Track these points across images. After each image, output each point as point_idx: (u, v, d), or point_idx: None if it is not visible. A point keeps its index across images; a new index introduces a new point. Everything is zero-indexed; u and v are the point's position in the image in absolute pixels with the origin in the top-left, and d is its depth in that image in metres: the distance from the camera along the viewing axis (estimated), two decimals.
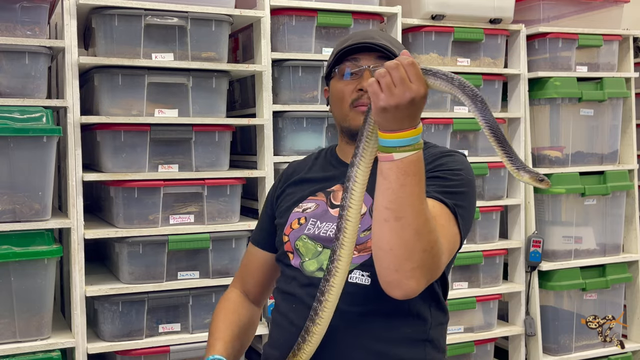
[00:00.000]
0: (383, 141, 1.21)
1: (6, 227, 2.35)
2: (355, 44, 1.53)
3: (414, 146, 1.20)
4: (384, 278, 1.28)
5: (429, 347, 1.51)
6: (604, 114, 3.42)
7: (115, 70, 2.54)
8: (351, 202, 1.26)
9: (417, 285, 1.26)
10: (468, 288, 3.19)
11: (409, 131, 1.20)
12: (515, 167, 1.21)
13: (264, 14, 2.75)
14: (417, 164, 1.21)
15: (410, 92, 1.17)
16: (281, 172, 1.76)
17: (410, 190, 1.21)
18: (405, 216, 1.21)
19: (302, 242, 1.55)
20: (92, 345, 2.51)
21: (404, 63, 1.18)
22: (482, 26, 3.15)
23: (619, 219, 3.47)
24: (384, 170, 1.22)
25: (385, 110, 1.18)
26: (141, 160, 2.59)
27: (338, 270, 1.29)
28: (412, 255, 1.23)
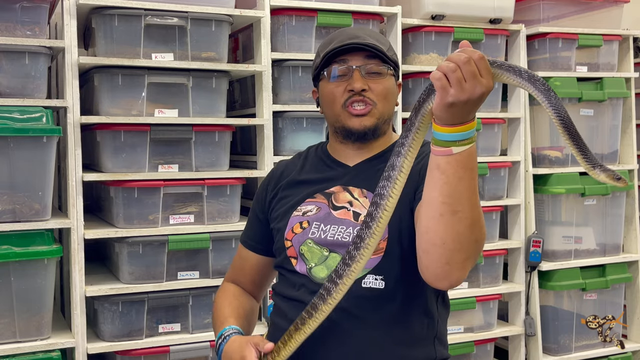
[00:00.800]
0: (441, 135, 1.19)
1: (6, 227, 2.36)
2: (342, 46, 1.50)
3: (472, 139, 1.19)
4: (432, 271, 1.28)
5: (437, 343, 1.52)
6: (604, 114, 3.42)
7: (115, 70, 2.54)
8: (393, 192, 1.23)
9: (464, 275, 1.26)
10: (468, 288, 3.19)
11: (468, 124, 1.18)
12: (591, 165, 1.16)
13: (264, 14, 2.75)
14: (474, 157, 1.20)
15: (481, 86, 1.14)
16: (269, 174, 1.71)
17: (467, 183, 1.20)
18: (462, 210, 1.21)
19: (307, 246, 1.52)
20: (92, 345, 2.51)
21: (475, 57, 1.15)
22: (482, 26, 3.15)
23: (619, 219, 3.47)
24: (442, 164, 1.20)
25: (453, 106, 1.14)
26: (141, 160, 2.59)
27: (362, 258, 1.27)
28: (464, 248, 1.23)
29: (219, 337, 1.53)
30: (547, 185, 3.27)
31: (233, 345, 1.47)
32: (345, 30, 1.57)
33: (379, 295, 1.44)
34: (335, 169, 1.59)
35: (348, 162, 1.58)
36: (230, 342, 1.49)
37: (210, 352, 2.67)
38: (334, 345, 1.44)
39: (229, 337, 1.50)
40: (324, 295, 1.32)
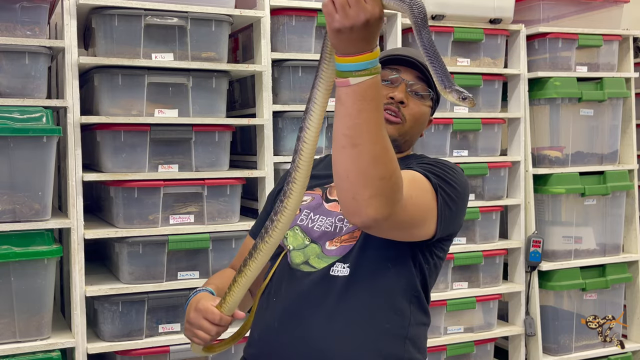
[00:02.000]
0: (339, 65, 1.20)
1: (6, 227, 2.36)
2: (401, 55, 1.58)
3: (371, 70, 1.19)
4: (343, 205, 1.28)
5: (409, 344, 1.50)
6: (604, 114, 3.42)
7: (115, 70, 2.54)
8: (309, 123, 1.26)
9: (374, 213, 1.24)
10: (468, 288, 3.19)
11: (364, 54, 1.18)
12: (443, 85, 1.21)
13: (264, 14, 2.75)
14: (374, 89, 1.20)
15: (365, 13, 1.14)
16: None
17: (367, 115, 1.20)
18: (363, 143, 1.21)
19: (293, 231, 1.56)
20: (92, 345, 2.51)
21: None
22: (482, 26, 3.15)
23: (619, 219, 3.47)
24: (342, 96, 1.21)
25: (340, 32, 1.16)
26: (141, 160, 2.59)
27: (293, 192, 1.29)
28: (368, 182, 1.22)
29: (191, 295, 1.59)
30: (547, 185, 3.27)
31: (197, 297, 1.55)
32: (407, 49, 1.67)
33: (344, 282, 1.46)
34: None
35: None
36: (198, 295, 1.56)
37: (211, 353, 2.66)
38: (297, 331, 1.46)
39: (198, 292, 1.58)
40: (262, 234, 1.37)
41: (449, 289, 3.14)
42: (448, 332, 3.15)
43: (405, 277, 1.50)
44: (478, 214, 3.15)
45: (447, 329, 3.15)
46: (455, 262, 3.12)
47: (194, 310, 1.49)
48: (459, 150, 3.16)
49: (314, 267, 1.50)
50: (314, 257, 1.52)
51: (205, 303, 1.48)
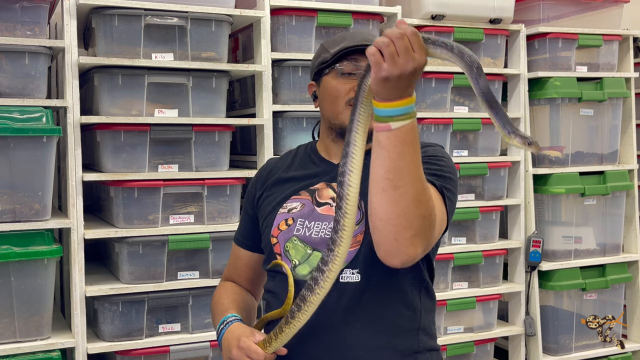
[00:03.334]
0: (380, 111, 1.21)
1: (6, 227, 2.36)
2: (357, 45, 1.51)
3: (411, 114, 1.21)
4: (383, 247, 1.29)
5: (422, 334, 1.52)
6: (604, 114, 3.42)
7: (115, 70, 2.54)
8: (352, 166, 1.25)
9: (415, 252, 1.27)
10: (468, 288, 3.19)
11: (405, 99, 1.20)
12: (506, 131, 1.21)
13: (264, 14, 2.75)
14: (414, 132, 1.22)
15: (414, 62, 1.16)
16: (258, 172, 1.73)
17: (408, 158, 1.22)
18: (404, 184, 1.23)
19: (292, 243, 1.54)
20: (92, 345, 2.51)
21: (408, 33, 1.17)
22: (482, 26, 3.15)
23: (619, 219, 3.47)
24: (382, 140, 1.22)
25: (387, 80, 1.17)
26: (141, 160, 2.59)
27: (343, 240, 1.28)
28: (411, 223, 1.24)
29: (221, 324, 1.55)
30: (547, 185, 3.27)
31: (233, 330, 1.51)
32: (358, 32, 1.59)
33: (356, 288, 1.45)
34: (320, 166, 1.61)
35: (334, 160, 1.59)
36: (232, 327, 1.52)
37: (211, 352, 2.67)
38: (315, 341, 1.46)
39: (230, 324, 1.53)
40: (311, 285, 1.34)
41: (449, 289, 3.14)
42: (448, 332, 3.15)
43: (414, 272, 1.50)
44: (478, 214, 3.15)
45: (447, 329, 3.15)
46: (455, 262, 3.12)
47: (237, 348, 1.45)
48: (459, 150, 3.16)
49: None
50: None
51: (248, 341, 1.44)
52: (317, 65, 1.59)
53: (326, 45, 1.59)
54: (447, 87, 3.11)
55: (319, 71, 1.59)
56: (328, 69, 1.56)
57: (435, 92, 3.09)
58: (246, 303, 1.68)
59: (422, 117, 3.06)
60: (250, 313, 1.70)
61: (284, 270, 1.52)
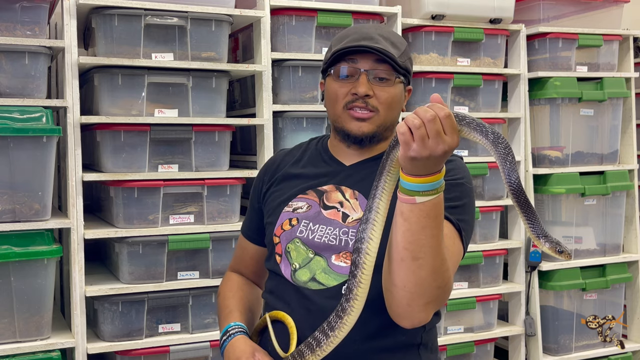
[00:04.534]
0: (406, 184, 1.19)
1: (6, 227, 2.35)
2: (353, 46, 1.46)
3: (437, 190, 1.19)
4: (394, 310, 1.30)
5: (423, 349, 1.51)
6: (604, 114, 3.42)
7: (115, 70, 2.54)
8: (373, 234, 1.23)
9: (426, 318, 1.28)
10: (468, 288, 3.19)
11: (433, 176, 1.17)
12: (536, 235, 1.17)
13: (264, 14, 2.75)
14: (439, 207, 1.20)
15: (444, 145, 1.13)
16: (267, 162, 1.69)
17: (430, 232, 1.20)
18: (424, 257, 1.21)
19: (294, 245, 1.51)
20: (92, 345, 2.51)
21: (441, 115, 1.13)
22: (482, 26, 3.15)
23: (619, 219, 3.47)
24: (405, 212, 1.20)
25: (415, 160, 1.15)
26: (141, 160, 2.59)
27: (354, 310, 1.25)
28: (425, 292, 1.24)
29: (224, 333, 1.54)
30: (547, 185, 3.27)
31: (235, 346, 1.48)
32: (361, 28, 1.53)
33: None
34: (330, 166, 1.57)
35: (345, 161, 1.56)
36: (234, 341, 1.50)
37: (211, 352, 2.67)
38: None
39: (233, 336, 1.51)
40: (312, 345, 1.31)
41: None
42: (448, 332, 3.15)
43: None
44: (478, 214, 3.15)
45: (447, 329, 3.15)
46: None
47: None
48: (459, 150, 3.16)
49: (323, 284, 1.46)
50: (320, 272, 1.47)
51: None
52: (323, 65, 1.56)
53: (333, 42, 1.55)
54: (447, 87, 3.10)
55: (323, 71, 1.56)
56: (328, 71, 1.53)
57: (435, 92, 3.08)
58: (250, 301, 1.66)
59: None
60: (255, 310, 1.68)
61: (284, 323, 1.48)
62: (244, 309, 1.61)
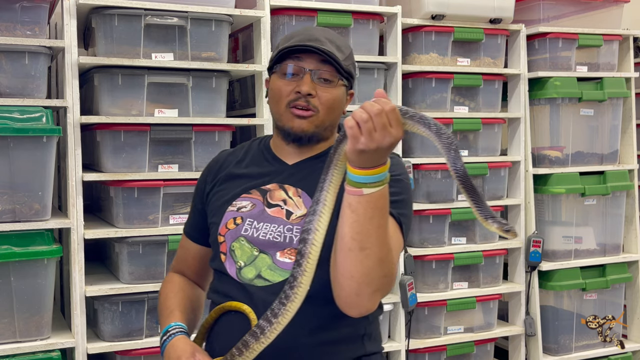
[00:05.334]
0: (353, 177, 1.24)
1: (6, 227, 2.36)
2: (298, 46, 1.49)
3: (383, 181, 1.25)
4: (343, 300, 1.34)
5: (367, 339, 1.55)
6: (604, 114, 3.42)
7: (115, 70, 2.54)
8: (319, 225, 1.28)
9: (373, 306, 1.34)
10: (468, 288, 3.19)
11: (379, 168, 1.23)
12: (483, 216, 1.24)
13: (264, 14, 2.75)
14: (384, 198, 1.26)
15: (391, 137, 1.20)
16: (209, 164, 1.70)
17: (377, 222, 1.26)
18: (370, 246, 1.27)
19: (239, 243, 1.53)
20: (92, 345, 2.51)
21: (387, 109, 1.20)
22: (482, 26, 3.15)
23: (619, 219, 3.47)
24: (353, 203, 1.25)
25: (364, 152, 1.21)
26: (141, 160, 2.59)
27: (297, 296, 1.29)
28: (373, 281, 1.29)
29: (164, 333, 1.55)
30: (547, 185, 3.27)
31: (175, 346, 1.50)
32: (308, 30, 1.56)
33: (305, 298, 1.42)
34: (273, 165, 1.60)
35: (287, 160, 1.59)
36: (175, 341, 1.51)
37: None
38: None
39: (174, 336, 1.52)
40: (256, 333, 1.33)
41: (449, 289, 3.14)
42: (448, 332, 3.15)
43: None
44: None
45: (447, 329, 3.15)
46: (455, 262, 3.11)
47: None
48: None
49: (269, 281, 1.48)
50: (265, 269, 1.49)
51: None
52: (269, 62, 1.58)
53: (280, 41, 1.57)
54: (447, 87, 3.10)
55: (269, 68, 1.58)
56: (273, 69, 1.55)
57: (435, 92, 3.09)
58: (192, 302, 1.67)
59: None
60: (197, 311, 1.69)
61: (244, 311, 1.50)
62: (185, 308, 1.62)
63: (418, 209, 3.06)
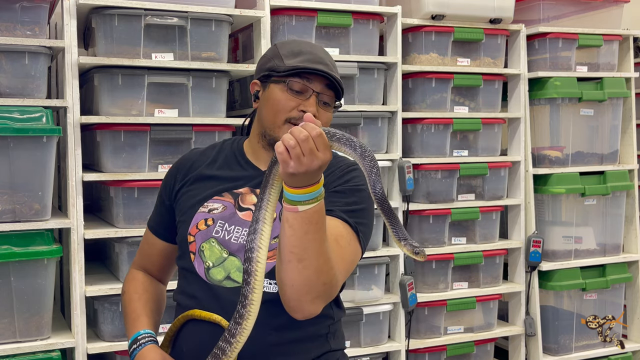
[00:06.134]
0: (289, 195, 1.28)
1: (6, 227, 2.35)
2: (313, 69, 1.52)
3: (317, 198, 1.29)
4: (286, 304, 1.39)
5: (331, 337, 1.61)
6: (604, 114, 3.42)
7: (115, 70, 2.54)
8: (261, 243, 1.32)
9: (315, 310, 1.38)
10: (468, 288, 3.19)
11: (312, 187, 1.28)
12: (397, 237, 1.33)
13: (264, 14, 2.75)
14: (320, 213, 1.30)
15: (318, 160, 1.24)
16: (179, 161, 1.71)
17: (312, 236, 1.30)
18: (308, 258, 1.31)
19: (209, 244, 1.55)
20: (92, 345, 2.51)
21: (313, 135, 1.23)
22: (482, 26, 3.15)
23: (619, 219, 3.47)
24: (290, 219, 1.30)
25: (294, 175, 1.25)
26: (141, 160, 2.59)
27: (251, 314, 1.32)
28: (312, 289, 1.34)
29: (134, 341, 1.58)
30: (547, 185, 3.27)
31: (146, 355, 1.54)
32: (314, 49, 1.59)
33: (272, 299, 1.47)
34: (247, 170, 1.62)
35: (260, 166, 1.61)
36: (145, 351, 1.55)
37: None
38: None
39: (144, 345, 1.57)
40: (218, 355, 1.37)
41: (449, 289, 3.14)
42: (448, 332, 3.15)
43: None
44: (478, 214, 3.15)
45: (447, 329, 3.15)
46: (455, 262, 3.12)
47: None
48: (459, 150, 3.16)
49: (238, 282, 1.51)
50: (235, 271, 1.52)
51: None
52: (266, 69, 1.58)
53: (282, 51, 1.58)
54: (447, 87, 3.10)
55: (268, 75, 1.58)
56: (278, 79, 1.55)
57: (435, 92, 3.09)
58: (157, 302, 1.72)
59: (422, 117, 3.06)
60: (161, 310, 1.75)
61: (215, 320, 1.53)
62: (151, 312, 1.67)
63: (418, 209, 3.06)
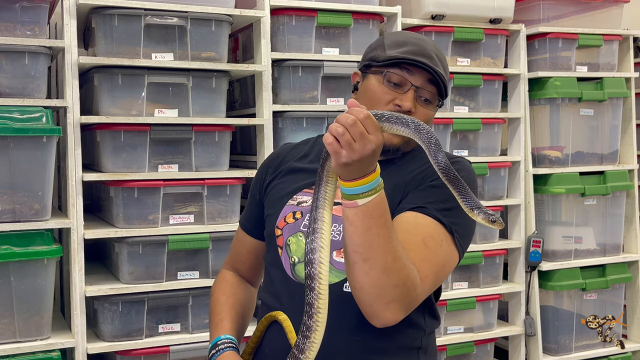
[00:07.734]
0: (346, 189, 1.22)
1: (6, 227, 2.36)
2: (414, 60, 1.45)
3: (376, 189, 1.22)
4: (362, 311, 1.30)
5: (422, 354, 1.50)
6: (604, 114, 3.42)
7: (115, 70, 2.54)
8: (323, 242, 1.24)
9: (393, 316, 1.28)
10: (468, 288, 3.19)
11: (369, 177, 1.21)
12: (469, 207, 1.23)
13: (264, 14, 2.75)
14: (381, 205, 1.23)
15: (371, 144, 1.17)
16: (271, 155, 1.67)
17: (376, 232, 1.22)
18: (373, 257, 1.23)
19: (296, 238, 1.49)
20: (92, 345, 2.51)
21: (361, 117, 1.17)
22: (482, 26, 3.15)
23: (619, 219, 3.47)
24: (350, 216, 1.23)
25: (348, 165, 1.18)
26: (141, 160, 2.59)
27: (319, 324, 1.22)
28: (383, 292, 1.25)
29: (213, 346, 1.53)
30: (547, 185, 3.27)
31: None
32: (421, 41, 1.51)
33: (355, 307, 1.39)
34: None
35: None
36: (223, 357, 1.49)
37: None
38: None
39: (222, 351, 1.51)
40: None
41: (449, 289, 3.14)
42: (448, 332, 3.15)
43: None
44: None
45: (447, 329, 3.15)
46: None
47: None
48: (459, 150, 3.16)
49: None
50: None
51: None
52: (368, 58, 1.53)
53: (387, 40, 1.51)
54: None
55: (368, 64, 1.52)
56: (377, 69, 1.49)
57: None
58: (243, 306, 1.64)
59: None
60: (247, 315, 1.67)
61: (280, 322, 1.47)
62: (235, 316, 1.60)
63: None
